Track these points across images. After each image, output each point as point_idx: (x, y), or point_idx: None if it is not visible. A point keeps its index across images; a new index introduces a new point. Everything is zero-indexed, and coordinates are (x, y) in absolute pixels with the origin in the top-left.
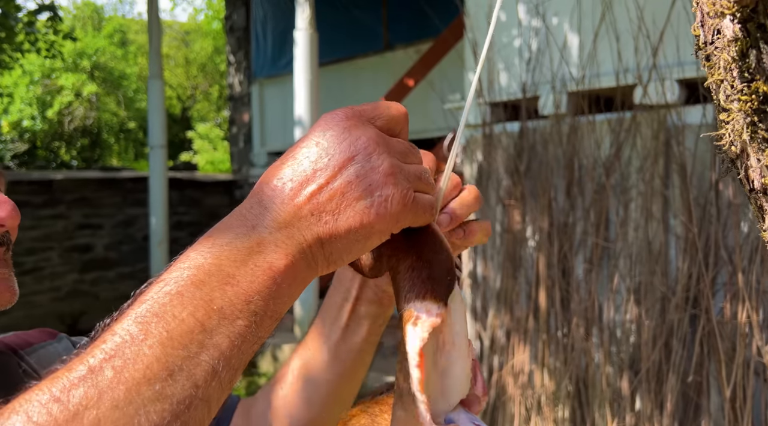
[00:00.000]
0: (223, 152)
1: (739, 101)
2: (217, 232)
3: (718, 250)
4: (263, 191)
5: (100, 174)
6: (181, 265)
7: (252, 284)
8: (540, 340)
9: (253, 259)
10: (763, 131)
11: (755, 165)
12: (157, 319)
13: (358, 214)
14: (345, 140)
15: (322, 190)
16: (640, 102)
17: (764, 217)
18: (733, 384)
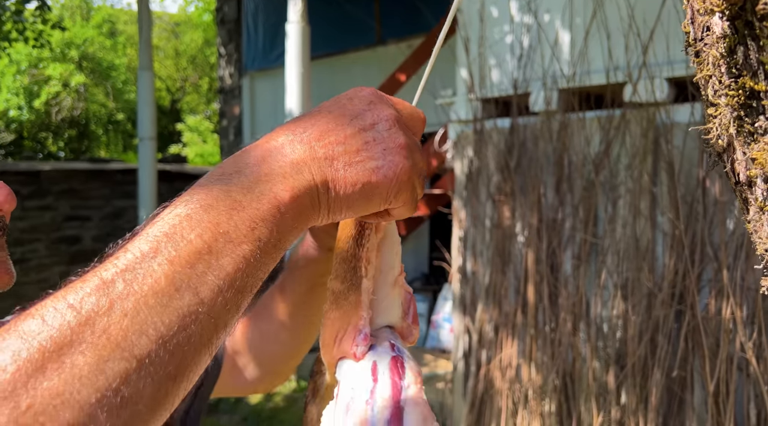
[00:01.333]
0: (213, 145)
1: (727, 96)
2: (229, 161)
3: (704, 247)
4: (288, 128)
5: (89, 165)
6: (192, 190)
7: (257, 211)
8: (528, 335)
9: (260, 187)
10: (749, 125)
11: (741, 158)
12: (166, 239)
13: (368, 171)
14: (373, 108)
15: (342, 142)
16: (630, 100)
17: (749, 209)
18: (716, 379)
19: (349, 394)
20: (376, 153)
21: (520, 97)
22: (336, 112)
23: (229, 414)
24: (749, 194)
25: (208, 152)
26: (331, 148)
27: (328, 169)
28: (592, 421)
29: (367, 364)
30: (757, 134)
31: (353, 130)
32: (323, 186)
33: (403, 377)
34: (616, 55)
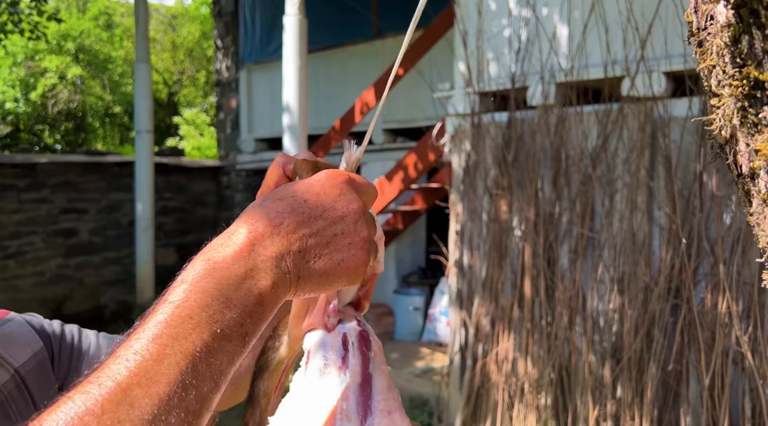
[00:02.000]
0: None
1: (731, 86)
2: (216, 253)
3: (701, 241)
4: (262, 218)
5: (85, 158)
6: (186, 286)
7: (245, 307)
8: (524, 329)
9: (247, 283)
10: (752, 116)
11: (744, 150)
12: (171, 341)
13: (333, 263)
14: (343, 199)
15: (314, 234)
16: (628, 94)
17: (751, 201)
18: (711, 372)
19: (321, 361)
20: (343, 246)
21: (518, 90)
22: (310, 201)
23: None
24: (752, 186)
25: (205, 145)
26: (305, 240)
27: (301, 262)
28: (588, 414)
29: (338, 336)
30: (761, 125)
31: (324, 224)
32: (295, 277)
33: (370, 349)
34: (614, 49)
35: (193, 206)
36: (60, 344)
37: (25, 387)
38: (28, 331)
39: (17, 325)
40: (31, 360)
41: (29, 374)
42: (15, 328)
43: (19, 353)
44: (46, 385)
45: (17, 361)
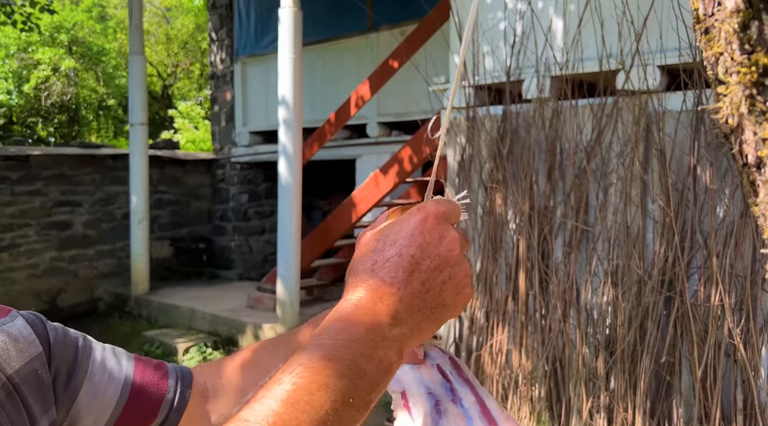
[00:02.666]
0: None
1: (739, 73)
2: (350, 324)
3: (694, 234)
4: (382, 286)
5: (79, 150)
6: (325, 353)
7: (375, 378)
8: (518, 321)
9: (378, 354)
10: (761, 104)
11: (750, 139)
12: (308, 408)
13: (448, 307)
14: (443, 246)
15: (428, 289)
16: (623, 87)
17: (756, 192)
18: (704, 364)
19: (430, 400)
20: (452, 289)
21: (513, 84)
22: (416, 255)
23: None
24: (758, 176)
25: (199, 138)
26: (422, 298)
27: (422, 319)
28: (582, 406)
29: (434, 368)
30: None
31: (434, 274)
32: (418, 335)
33: (465, 372)
34: (610, 43)
35: (188, 199)
36: (61, 353)
37: (18, 395)
38: (29, 334)
39: (18, 327)
40: (25, 366)
41: (24, 381)
42: (15, 329)
43: (14, 358)
44: (42, 392)
45: (11, 367)
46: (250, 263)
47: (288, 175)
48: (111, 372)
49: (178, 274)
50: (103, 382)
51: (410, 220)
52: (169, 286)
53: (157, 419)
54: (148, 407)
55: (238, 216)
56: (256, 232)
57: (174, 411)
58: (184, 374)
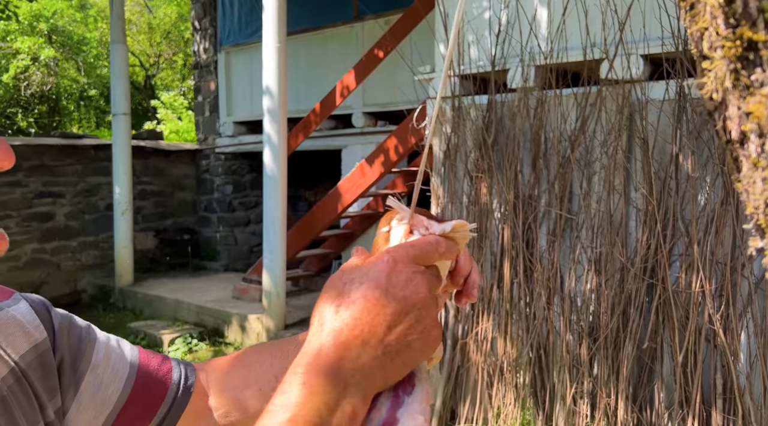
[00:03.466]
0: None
1: (723, 48)
2: (310, 376)
3: (676, 222)
4: (344, 330)
5: (61, 141)
6: (291, 415)
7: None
8: (503, 309)
9: (342, 405)
10: (745, 78)
11: (734, 114)
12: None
13: (415, 353)
14: (410, 288)
15: (392, 331)
16: (606, 76)
17: (740, 168)
18: (685, 350)
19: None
20: (419, 333)
21: (498, 73)
22: (382, 298)
23: None
24: (741, 151)
25: (183, 129)
26: (385, 340)
27: (386, 361)
28: (565, 392)
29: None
30: (753, 87)
31: (398, 317)
32: (382, 378)
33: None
34: (594, 32)
35: (171, 190)
36: (65, 341)
37: (27, 381)
38: (33, 318)
39: (22, 311)
40: (31, 352)
41: (30, 366)
42: (19, 313)
43: (20, 343)
44: (48, 378)
45: (17, 352)
46: (235, 254)
47: (273, 166)
48: (114, 365)
49: (163, 265)
50: (106, 375)
51: (378, 263)
52: (154, 278)
53: (159, 412)
54: (150, 402)
55: (223, 207)
56: (241, 223)
57: (176, 407)
58: (188, 370)
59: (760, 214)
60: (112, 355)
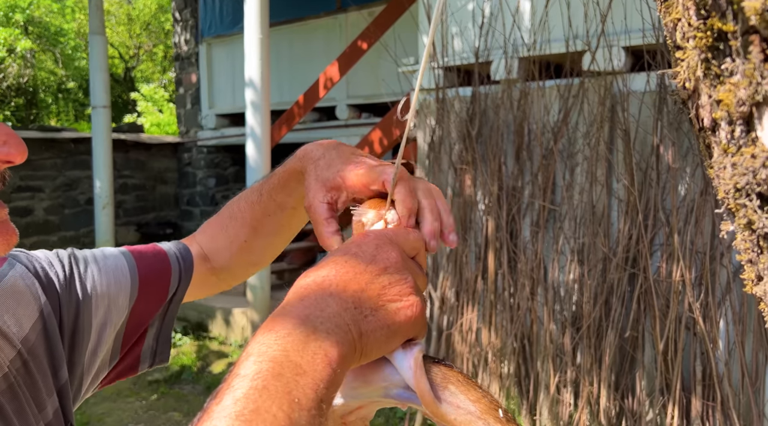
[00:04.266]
0: (170, 114)
1: (695, 38)
2: (275, 323)
3: (657, 212)
4: (309, 286)
5: (39, 134)
6: (255, 358)
7: (316, 372)
8: (488, 300)
9: (311, 346)
10: (715, 67)
11: (706, 102)
12: (257, 417)
13: (391, 313)
14: (381, 252)
15: (363, 289)
16: (589, 68)
17: (711, 154)
18: (665, 338)
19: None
20: (394, 295)
21: (482, 65)
22: (350, 261)
23: (191, 384)
24: (713, 138)
25: (164, 122)
26: (356, 296)
27: (359, 317)
28: (549, 381)
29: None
30: (723, 76)
31: (370, 277)
32: (357, 334)
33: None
34: (576, 24)
35: (153, 183)
36: (66, 288)
37: (33, 360)
38: (31, 282)
39: (20, 277)
40: (37, 322)
41: (36, 342)
42: (18, 280)
43: (25, 314)
44: (53, 348)
45: (22, 328)
46: None
47: (256, 158)
48: (117, 277)
49: None
50: (111, 290)
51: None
52: None
53: (170, 288)
54: (159, 286)
55: (206, 200)
56: None
57: (183, 279)
58: (182, 251)
59: (730, 199)
60: (107, 270)
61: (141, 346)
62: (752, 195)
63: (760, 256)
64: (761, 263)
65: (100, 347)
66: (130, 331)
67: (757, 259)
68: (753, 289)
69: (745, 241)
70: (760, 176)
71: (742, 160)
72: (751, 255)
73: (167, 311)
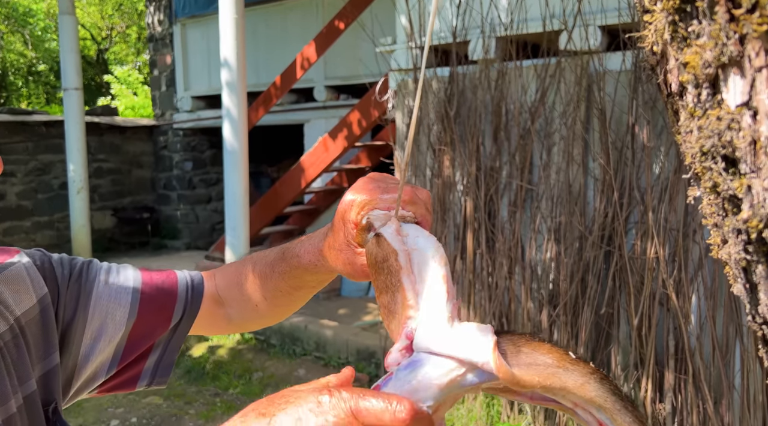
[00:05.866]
0: (144, 97)
1: (662, 1)
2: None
3: (632, 190)
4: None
5: (9, 117)
6: None
7: None
8: (466, 280)
9: None
10: (683, 30)
11: (673, 65)
12: None
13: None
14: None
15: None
16: (565, 48)
17: (678, 120)
18: (640, 314)
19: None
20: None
21: (459, 45)
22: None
23: None
24: (680, 103)
25: (139, 105)
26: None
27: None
28: None
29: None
30: (690, 38)
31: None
32: None
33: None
34: (553, 3)
35: (129, 167)
36: (67, 287)
37: (23, 337)
38: (35, 273)
39: (25, 268)
40: (33, 308)
41: (29, 323)
42: (22, 270)
43: (23, 299)
44: (47, 333)
45: (20, 308)
46: (197, 232)
47: (233, 140)
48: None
49: (122, 245)
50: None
51: (309, 397)
52: (114, 258)
53: (174, 317)
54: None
55: (183, 184)
56: (203, 200)
57: (189, 310)
58: (194, 277)
59: (696, 163)
60: (112, 285)
61: (142, 365)
62: (717, 157)
63: (724, 219)
64: (726, 226)
65: (93, 353)
66: (130, 346)
67: (722, 223)
68: (719, 254)
69: (711, 204)
70: (725, 138)
71: (708, 123)
72: (717, 219)
73: (171, 339)
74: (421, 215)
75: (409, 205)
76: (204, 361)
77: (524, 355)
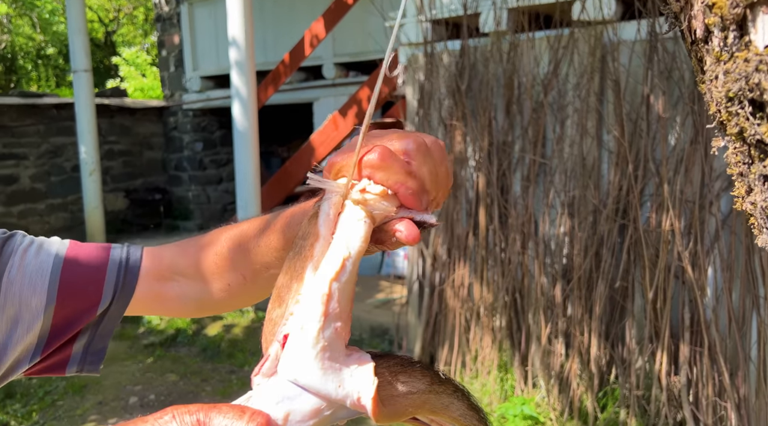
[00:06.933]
0: (153, 79)
1: None
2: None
3: (647, 162)
4: None
5: (20, 100)
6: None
7: None
8: (479, 256)
9: None
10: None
11: (698, 11)
12: None
13: None
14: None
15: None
16: (579, 18)
17: (704, 69)
18: (655, 287)
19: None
20: None
21: (470, 17)
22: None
23: (187, 346)
24: (704, 49)
25: (148, 86)
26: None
27: None
28: (540, 332)
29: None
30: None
31: None
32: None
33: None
34: None
35: (140, 149)
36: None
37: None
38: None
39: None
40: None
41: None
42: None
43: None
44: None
45: None
46: (208, 213)
47: (243, 120)
48: (31, 276)
49: (135, 226)
50: (24, 290)
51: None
52: (127, 239)
53: (103, 299)
54: (86, 293)
55: (194, 165)
56: (214, 181)
57: (123, 289)
58: (131, 261)
59: (722, 109)
60: (27, 268)
61: (71, 349)
62: (744, 102)
63: (750, 167)
64: (751, 174)
65: (10, 342)
66: (54, 333)
67: (748, 171)
68: (743, 205)
69: (736, 153)
70: (752, 81)
71: (735, 66)
72: (742, 167)
73: (100, 324)
74: (396, 183)
75: (379, 172)
76: (219, 339)
77: (400, 384)
